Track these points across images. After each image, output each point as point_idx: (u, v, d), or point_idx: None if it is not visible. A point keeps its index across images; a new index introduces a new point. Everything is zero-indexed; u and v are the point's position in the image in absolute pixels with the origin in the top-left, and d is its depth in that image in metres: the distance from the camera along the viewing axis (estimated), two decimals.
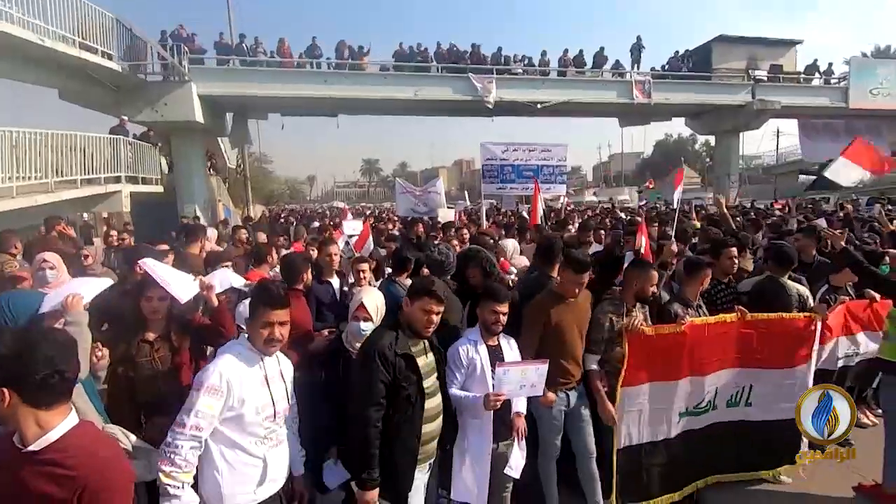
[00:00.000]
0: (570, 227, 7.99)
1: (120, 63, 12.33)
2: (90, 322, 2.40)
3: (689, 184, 52.67)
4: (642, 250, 4.07)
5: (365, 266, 4.25)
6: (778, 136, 39.14)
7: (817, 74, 20.54)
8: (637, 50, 18.62)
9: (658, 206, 23.19)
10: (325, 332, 3.38)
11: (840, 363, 4.06)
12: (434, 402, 2.44)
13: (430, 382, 2.43)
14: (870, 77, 20.13)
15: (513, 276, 4.75)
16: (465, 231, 8.78)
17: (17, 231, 8.01)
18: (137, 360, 2.49)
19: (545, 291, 3.10)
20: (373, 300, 2.83)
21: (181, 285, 2.61)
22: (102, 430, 1.85)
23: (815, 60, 20.49)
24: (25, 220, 8.68)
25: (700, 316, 3.38)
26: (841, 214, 11.21)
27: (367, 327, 2.68)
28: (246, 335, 2.20)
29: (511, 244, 5.79)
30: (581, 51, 18.25)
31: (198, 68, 14.64)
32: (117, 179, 12.10)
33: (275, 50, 16.02)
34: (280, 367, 2.24)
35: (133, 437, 2.32)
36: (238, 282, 3.48)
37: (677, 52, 19.65)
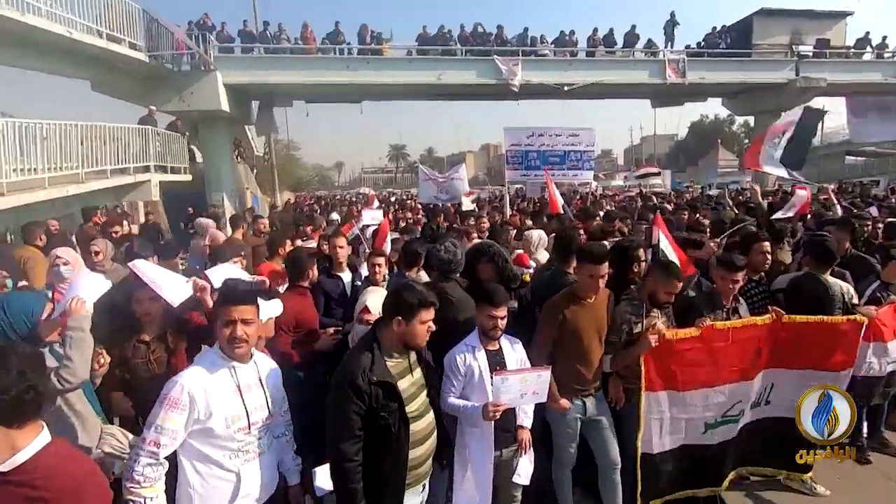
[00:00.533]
0: (598, 216, 7.62)
1: (146, 53, 12.48)
2: (93, 324, 2.36)
3: (727, 166, 50.92)
4: (664, 248, 3.74)
5: (381, 261, 4.12)
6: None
7: (869, 48, 19.16)
8: (671, 27, 17.76)
9: (692, 188, 22.27)
10: (331, 329, 3.29)
11: (891, 367, 3.70)
12: (423, 424, 2.20)
13: (416, 405, 2.18)
14: None
15: (531, 271, 4.54)
16: (485, 219, 8.65)
17: (58, 219, 8.36)
18: (133, 361, 2.45)
19: (564, 292, 2.89)
20: (378, 302, 2.69)
21: (173, 287, 2.53)
22: (75, 448, 1.79)
23: (867, 33, 19.09)
24: (58, 210, 8.95)
25: (735, 317, 3.11)
26: (893, 200, 10.42)
27: None
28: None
29: (537, 235, 5.53)
30: (611, 29, 17.55)
31: (222, 57, 14.75)
32: (147, 169, 12.33)
33: (298, 36, 15.99)
34: (259, 374, 2.08)
35: (131, 437, 2.29)
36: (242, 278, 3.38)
37: (715, 27, 18.64)
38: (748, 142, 48.18)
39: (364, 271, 4.44)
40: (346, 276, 4.03)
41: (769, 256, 3.58)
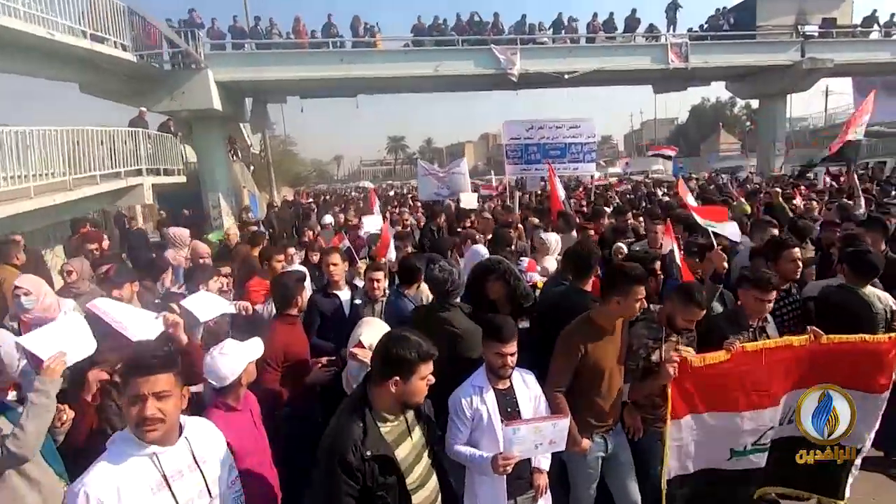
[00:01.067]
0: (605, 215, 7.29)
1: (134, 53, 12.11)
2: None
3: (729, 150, 50.35)
4: (677, 260, 3.43)
5: (380, 275, 3.84)
6: (827, 96, 36.44)
7: (876, 27, 18.63)
8: (673, 9, 17.26)
9: (695, 177, 21.73)
10: (324, 359, 3.01)
11: None
12: (426, 493, 1.91)
13: (417, 473, 1.89)
14: None
15: (537, 277, 4.25)
16: (487, 213, 8.33)
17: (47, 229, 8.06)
18: (102, 404, 2.19)
19: (581, 320, 2.59)
20: (372, 336, 2.42)
21: (140, 325, 2.26)
22: None
23: (874, 11, 18.55)
24: (47, 219, 8.69)
25: (763, 338, 2.84)
26: None
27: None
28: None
29: (554, 240, 5.24)
30: (612, 14, 17.07)
31: (213, 54, 14.37)
32: (139, 172, 12.03)
33: (290, 30, 15.58)
34: (193, 454, 1.68)
35: None
36: (219, 309, 2.99)
37: (718, 9, 18.11)
38: (749, 125, 47.72)
39: (359, 282, 4.18)
40: (345, 294, 3.74)
41: (800, 264, 3.29)
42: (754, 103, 27.12)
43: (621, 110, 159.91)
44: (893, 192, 9.10)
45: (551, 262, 4.83)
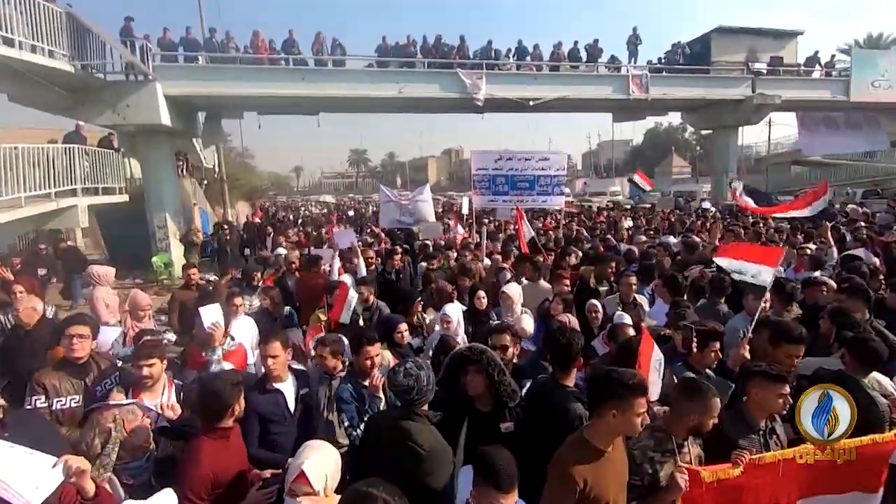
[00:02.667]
0: (572, 254, 7.06)
1: (71, 62, 11.13)
2: None
3: (681, 173, 52.55)
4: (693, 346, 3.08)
5: (325, 352, 3.36)
6: (770, 126, 38.49)
7: (818, 66, 19.78)
8: (634, 43, 17.70)
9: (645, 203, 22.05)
10: (266, 473, 2.48)
11: None
12: None
13: None
14: (871, 69, 19.41)
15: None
16: (453, 255, 7.97)
17: None
18: None
19: (575, 444, 2.19)
20: (320, 466, 1.96)
21: (30, 481, 1.71)
22: None
23: (816, 52, 19.72)
24: None
25: (774, 441, 2.56)
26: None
27: None
28: None
29: (517, 292, 4.89)
30: (576, 42, 17.31)
31: (163, 67, 13.46)
32: (73, 193, 11.00)
33: (248, 44, 14.88)
34: None
35: None
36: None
37: (677, 43, 18.73)
38: (700, 149, 49.94)
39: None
40: (288, 384, 3.08)
41: (798, 359, 3.04)
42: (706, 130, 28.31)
43: (579, 131, 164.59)
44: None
45: (528, 323, 4.49)
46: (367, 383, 3.10)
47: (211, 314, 3.47)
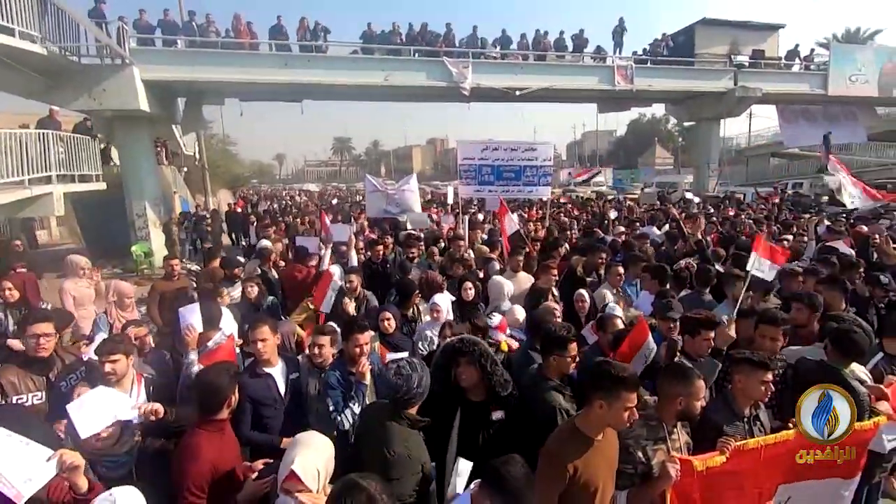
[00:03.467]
0: (560, 247, 7.10)
1: (43, 45, 10.72)
2: None
3: (663, 164, 53.16)
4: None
5: (325, 340, 3.34)
6: (751, 118, 39.10)
7: (797, 60, 20.11)
8: (619, 33, 17.74)
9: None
10: (259, 464, 2.46)
11: (891, 444, 3.40)
12: None
13: None
14: (849, 63, 19.81)
15: (514, 344, 3.88)
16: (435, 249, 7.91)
17: None
18: None
19: (566, 432, 2.23)
20: (311, 462, 1.93)
21: (24, 472, 1.68)
22: None
23: (797, 45, 20.02)
24: None
25: (758, 427, 2.63)
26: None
27: None
28: None
29: (507, 286, 4.90)
30: (562, 32, 17.31)
31: (141, 50, 13.07)
32: (48, 180, 10.67)
33: (230, 27, 14.51)
34: None
35: None
36: (110, 418, 2.33)
37: (657, 39, 18.82)
38: (682, 141, 50.56)
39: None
40: (278, 369, 3.11)
41: (780, 341, 3.13)
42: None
43: (564, 121, 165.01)
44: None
45: (520, 312, 4.52)
46: (354, 370, 3.10)
47: (189, 314, 3.37)
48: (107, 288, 5.27)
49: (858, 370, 3.13)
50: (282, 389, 3.06)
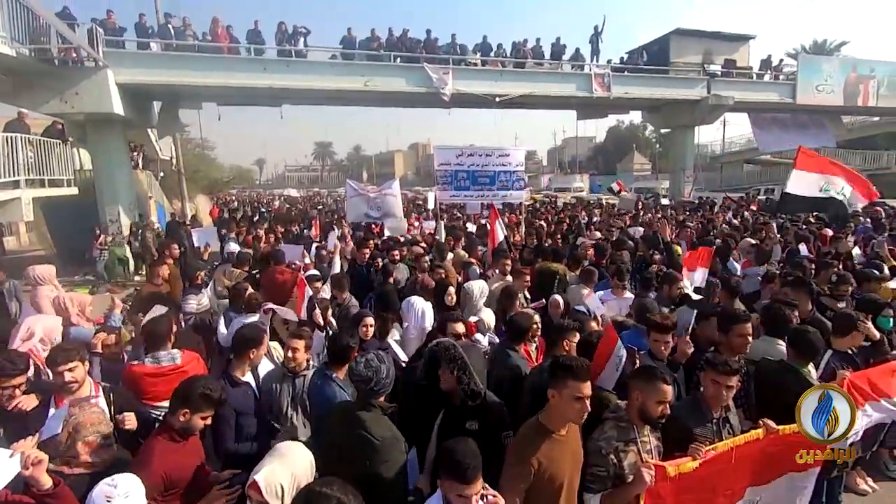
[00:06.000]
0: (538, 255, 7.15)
1: (12, 46, 10.45)
2: None
3: (641, 170, 54.13)
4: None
5: (300, 344, 3.32)
6: (724, 126, 40.14)
7: (769, 70, 20.78)
8: (595, 41, 18.10)
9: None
10: (226, 474, 2.43)
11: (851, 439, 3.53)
12: None
13: None
14: (815, 73, 20.56)
15: (484, 343, 3.92)
16: (420, 250, 7.93)
17: None
18: None
19: (532, 427, 2.29)
20: (276, 477, 1.91)
21: None
22: None
23: (769, 56, 20.72)
24: None
25: (727, 430, 2.70)
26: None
27: None
28: None
29: (477, 288, 4.94)
30: (538, 40, 17.57)
31: (115, 53, 12.83)
32: (16, 184, 10.38)
33: (207, 31, 14.35)
34: None
35: None
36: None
37: (635, 49, 19.31)
38: (659, 147, 51.62)
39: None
40: (251, 376, 3.12)
41: (750, 339, 3.22)
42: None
43: (544, 127, 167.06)
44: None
45: (488, 315, 4.56)
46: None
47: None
48: (72, 300, 5.13)
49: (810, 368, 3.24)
50: (258, 394, 3.05)
